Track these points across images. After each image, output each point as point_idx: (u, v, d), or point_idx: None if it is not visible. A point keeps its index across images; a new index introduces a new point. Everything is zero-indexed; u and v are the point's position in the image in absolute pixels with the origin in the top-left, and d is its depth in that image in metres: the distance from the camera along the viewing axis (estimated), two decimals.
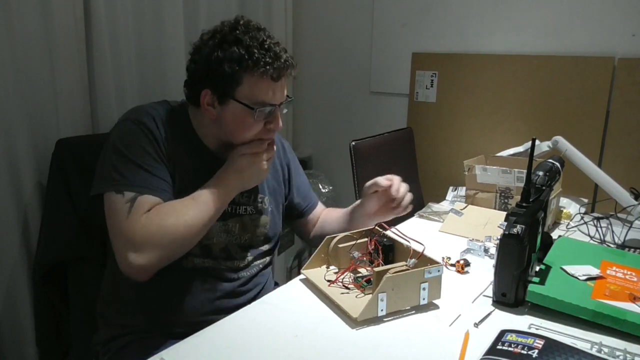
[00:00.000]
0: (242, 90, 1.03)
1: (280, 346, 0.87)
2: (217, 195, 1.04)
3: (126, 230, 0.97)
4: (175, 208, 1.01)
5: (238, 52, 1.00)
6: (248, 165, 1.08)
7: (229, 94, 1.03)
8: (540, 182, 1.10)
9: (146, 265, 0.97)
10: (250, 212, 1.19)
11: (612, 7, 1.85)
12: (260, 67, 1.00)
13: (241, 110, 1.04)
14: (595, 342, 0.88)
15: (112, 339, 1.12)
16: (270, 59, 1.01)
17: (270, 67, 1.01)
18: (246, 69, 1.01)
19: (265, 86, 1.03)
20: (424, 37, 2.27)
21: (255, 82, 1.02)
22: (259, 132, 1.07)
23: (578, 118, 1.94)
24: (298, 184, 1.34)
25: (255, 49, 1.01)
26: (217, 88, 1.04)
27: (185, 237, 1.01)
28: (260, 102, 1.04)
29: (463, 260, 1.20)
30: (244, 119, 1.05)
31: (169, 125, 1.09)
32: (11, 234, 1.35)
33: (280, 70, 1.03)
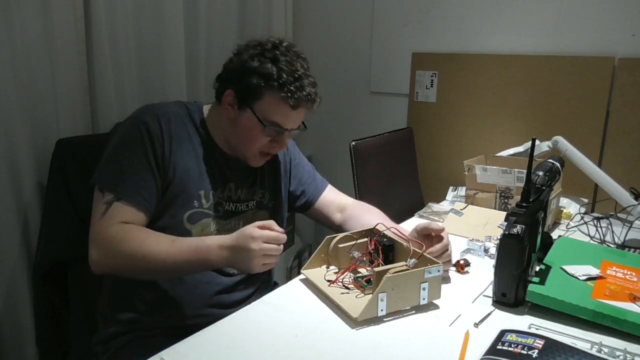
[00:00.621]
0: (261, 105, 1.08)
1: (280, 346, 0.87)
2: (196, 251, 0.99)
3: (95, 230, 1.02)
4: (143, 237, 1.01)
5: (269, 70, 1.06)
6: (252, 257, 0.96)
7: (249, 103, 1.09)
8: (540, 182, 1.11)
9: (101, 265, 1.01)
10: (251, 208, 1.22)
11: (612, 7, 1.85)
12: (282, 92, 1.05)
13: (254, 122, 1.09)
14: (595, 342, 0.88)
15: (112, 339, 1.12)
16: (295, 88, 1.06)
17: (293, 96, 1.05)
18: (270, 88, 1.06)
19: (281, 110, 1.08)
20: (424, 37, 2.27)
21: (274, 102, 1.07)
22: (263, 145, 1.13)
23: (578, 118, 1.94)
24: (299, 177, 1.34)
25: (285, 74, 1.05)
26: (240, 93, 1.09)
27: (139, 267, 1.00)
28: (272, 122, 1.09)
29: (463, 260, 1.20)
30: (253, 130, 1.10)
31: (179, 123, 1.12)
32: (11, 234, 1.35)
33: (300, 101, 1.07)
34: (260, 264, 0.96)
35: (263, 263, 0.96)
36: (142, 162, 1.05)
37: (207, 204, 1.13)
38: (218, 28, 2.04)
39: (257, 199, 1.23)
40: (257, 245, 0.95)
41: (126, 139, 1.07)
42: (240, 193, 1.20)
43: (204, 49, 1.98)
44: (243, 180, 1.20)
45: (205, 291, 1.13)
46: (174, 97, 1.81)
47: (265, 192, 1.25)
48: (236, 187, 1.19)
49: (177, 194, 1.09)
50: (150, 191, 1.06)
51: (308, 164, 1.39)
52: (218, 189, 1.16)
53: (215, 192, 1.15)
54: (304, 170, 1.36)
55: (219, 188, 1.16)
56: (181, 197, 1.10)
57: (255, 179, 1.23)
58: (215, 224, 1.14)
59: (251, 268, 0.96)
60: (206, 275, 1.13)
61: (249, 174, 1.22)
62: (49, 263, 1.28)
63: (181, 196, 1.10)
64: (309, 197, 1.34)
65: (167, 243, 1.00)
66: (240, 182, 1.20)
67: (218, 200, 1.15)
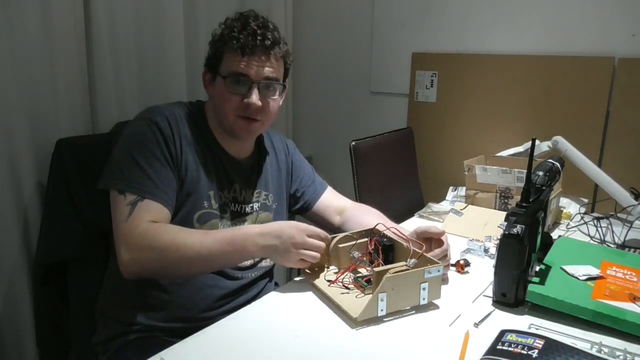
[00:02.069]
0: (222, 65, 1.12)
1: (280, 346, 0.87)
2: (232, 240, 1.00)
3: (123, 233, 0.99)
4: (176, 231, 1.01)
5: (222, 32, 1.11)
6: (292, 248, 1.00)
7: (216, 70, 1.13)
8: (540, 182, 1.10)
9: (133, 266, 0.99)
10: (256, 210, 1.22)
11: (612, 7, 1.85)
12: (231, 42, 1.08)
13: (220, 83, 1.11)
14: (595, 342, 0.88)
15: (111, 339, 1.12)
16: (243, 36, 1.08)
17: (238, 42, 1.07)
18: (224, 45, 1.10)
19: (236, 58, 1.09)
20: (424, 37, 2.27)
21: (228, 55, 1.10)
22: (237, 107, 1.11)
23: (578, 118, 1.94)
24: (300, 179, 1.35)
25: (237, 29, 1.09)
26: (209, 66, 1.15)
27: (174, 261, 0.99)
28: (232, 73, 1.10)
29: (463, 260, 1.20)
30: (222, 92, 1.11)
31: (184, 125, 1.12)
32: (11, 234, 1.35)
33: (248, 45, 1.08)
34: (298, 258, 1.00)
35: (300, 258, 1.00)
36: (160, 160, 1.05)
37: (215, 204, 1.13)
38: None
39: (261, 201, 1.23)
40: (301, 237, 1.00)
41: (139, 139, 1.06)
42: (245, 194, 1.20)
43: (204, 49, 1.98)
44: (247, 181, 1.21)
45: (210, 295, 1.13)
46: (174, 97, 1.81)
47: (269, 194, 1.25)
48: (241, 188, 1.19)
49: (189, 194, 1.10)
50: (172, 188, 1.06)
51: (308, 165, 1.39)
52: (224, 189, 1.16)
53: (222, 193, 1.15)
54: (304, 172, 1.36)
55: (225, 189, 1.16)
56: (193, 197, 1.10)
57: (259, 181, 1.23)
58: (223, 225, 1.15)
59: (288, 259, 1.00)
60: (211, 278, 1.13)
61: (252, 175, 1.22)
62: (49, 263, 1.28)
63: (193, 196, 1.10)
64: (308, 199, 1.35)
65: (201, 234, 1.01)
66: (244, 183, 1.20)
67: (225, 201, 1.16)
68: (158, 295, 1.10)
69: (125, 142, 1.07)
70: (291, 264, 1.02)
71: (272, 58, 1.11)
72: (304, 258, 1.01)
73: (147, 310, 1.11)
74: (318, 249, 1.02)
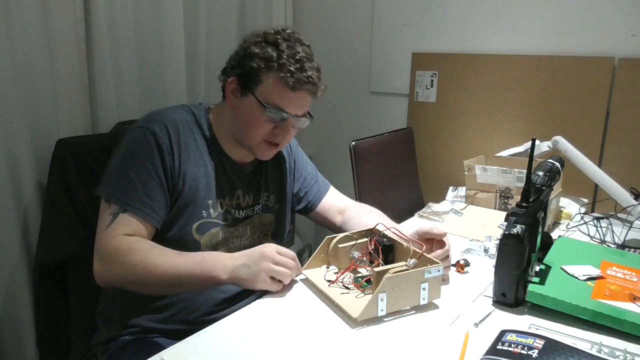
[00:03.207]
0: (262, 88, 1.07)
1: (280, 346, 0.87)
2: (201, 262, 0.99)
3: (99, 242, 1.01)
4: (149, 249, 1.00)
5: (269, 53, 1.06)
6: (258, 271, 0.98)
7: (250, 88, 1.08)
8: (540, 182, 1.11)
9: (104, 278, 1.01)
10: (257, 212, 1.21)
11: (612, 7, 1.85)
12: (282, 72, 1.05)
13: (255, 106, 1.08)
14: (595, 342, 0.88)
15: (111, 339, 1.11)
16: (295, 70, 1.05)
17: (292, 77, 1.05)
18: (270, 70, 1.06)
19: (282, 92, 1.07)
20: (424, 37, 2.27)
21: (274, 84, 1.06)
22: (266, 133, 1.10)
23: (578, 118, 1.94)
24: (302, 179, 1.34)
25: (286, 56, 1.05)
26: (242, 79, 1.09)
27: (142, 279, 0.98)
28: (273, 104, 1.07)
29: (463, 260, 1.20)
30: (255, 115, 1.08)
31: (185, 132, 1.10)
32: (11, 234, 1.35)
33: (300, 82, 1.06)
34: (265, 282, 0.98)
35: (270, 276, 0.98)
36: (150, 173, 1.04)
37: (215, 213, 1.13)
38: (218, 28, 2.04)
39: (262, 202, 1.23)
40: (270, 252, 0.98)
41: (134, 149, 1.05)
42: (248, 199, 1.19)
43: (204, 49, 1.99)
44: (250, 186, 1.20)
45: (211, 297, 1.12)
46: (174, 97, 1.81)
47: (271, 195, 1.24)
48: (244, 194, 1.19)
49: (186, 205, 1.09)
50: (159, 203, 1.05)
51: (311, 164, 1.39)
52: (226, 197, 1.15)
53: (223, 201, 1.14)
54: (307, 171, 1.35)
55: (227, 196, 1.15)
56: (190, 208, 1.09)
57: (260, 182, 1.22)
58: (224, 232, 1.14)
59: (257, 277, 0.97)
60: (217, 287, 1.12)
61: (255, 179, 1.22)
62: (49, 263, 1.29)
63: (190, 207, 1.09)
64: (311, 199, 1.34)
65: (174, 254, 1.00)
66: (247, 188, 1.19)
67: (227, 208, 1.15)
68: (159, 298, 1.10)
69: (121, 151, 1.06)
70: (260, 283, 0.98)
71: (314, 96, 1.12)
72: (274, 275, 0.99)
73: (148, 312, 1.10)
74: (287, 266, 1.00)
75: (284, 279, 1.01)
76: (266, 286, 0.99)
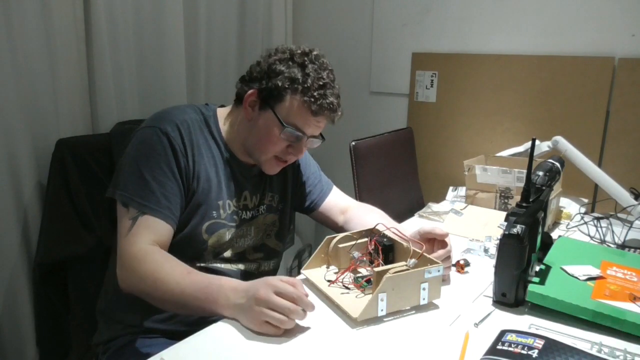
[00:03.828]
0: (283, 107, 1.08)
1: (281, 346, 0.87)
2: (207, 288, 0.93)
3: (121, 247, 1.01)
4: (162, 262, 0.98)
5: (295, 74, 1.07)
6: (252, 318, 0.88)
7: (271, 104, 1.08)
8: (540, 182, 1.11)
9: (124, 284, 1.00)
10: (262, 212, 1.22)
11: (612, 7, 1.85)
12: (306, 96, 1.06)
13: (273, 122, 1.08)
14: (595, 342, 0.87)
15: (111, 339, 1.12)
16: (319, 95, 1.06)
17: (315, 102, 1.06)
18: (294, 91, 1.06)
19: (302, 114, 1.08)
20: (424, 37, 2.27)
21: (296, 106, 1.07)
22: (279, 151, 1.11)
23: (578, 118, 1.94)
24: (305, 178, 1.34)
25: (311, 79, 1.06)
26: (263, 93, 1.09)
27: (150, 292, 0.97)
28: (292, 125, 1.08)
29: (463, 260, 1.20)
30: (271, 132, 1.09)
31: (196, 132, 1.10)
32: (11, 234, 1.35)
33: (321, 108, 1.07)
34: (261, 327, 0.88)
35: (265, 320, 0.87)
36: (166, 174, 1.04)
37: (224, 214, 1.13)
38: (218, 28, 2.04)
39: (266, 203, 1.23)
40: (266, 294, 0.87)
41: (147, 150, 1.04)
42: (255, 200, 1.20)
43: (204, 49, 1.99)
44: (256, 187, 1.20)
45: None
46: (174, 97, 1.81)
47: (275, 195, 1.24)
48: (250, 195, 1.19)
49: (199, 205, 1.09)
50: (176, 203, 1.05)
51: (314, 164, 1.38)
52: (234, 198, 1.15)
53: (231, 202, 1.15)
54: (310, 171, 1.35)
55: (235, 198, 1.15)
56: (203, 208, 1.09)
57: (265, 183, 1.22)
58: (230, 233, 1.15)
59: (252, 319, 0.88)
60: None
61: (261, 180, 1.22)
62: (49, 263, 1.29)
63: (203, 207, 1.09)
64: (314, 199, 1.34)
65: (182, 273, 0.96)
66: (253, 189, 1.19)
67: (234, 209, 1.15)
68: None
69: (132, 152, 1.05)
70: (256, 326, 0.88)
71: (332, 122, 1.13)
72: (269, 320, 0.86)
73: (148, 312, 1.10)
74: (285, 311, 0.86)
75: (282, 326, 0.87)
76: (265, 331, 0.88)
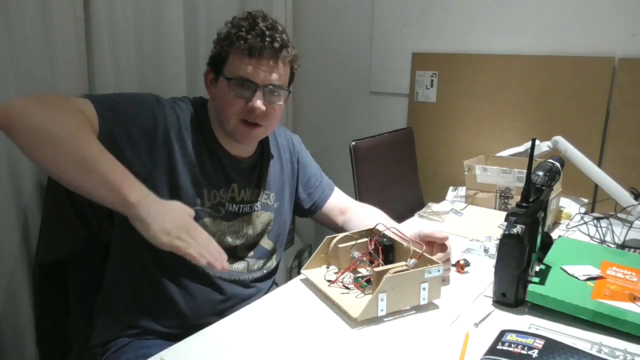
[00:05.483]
0: (227, 66, 1.08)
1: (280, 346, 0.87)
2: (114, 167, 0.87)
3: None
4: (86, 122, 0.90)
5: (229, 31, 1.07)
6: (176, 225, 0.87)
7: (220, 71, 1.09)
8: (540, 182, 1.11)
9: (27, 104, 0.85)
10: (255, 210, 1.20)
11: (612, 7, 1.85)
12: (238, 42, 1.05)
13: (224, 85, 1.07)
14: (595, 342, 0.88)
15: (111, 339, 1.11)
16: (251, 37, 1.04)
17: (246, 42, 1.04)
18: (230, 45, 1.06)
19: (242, 61, 1.06)
20: (424, 37, 2.27)
21: (234, 57, 1.06)
22: (239, 111, 1.07)
23: (578, 118, 1.94)
24: (306, 179, 1.33)
25: (244, 29, 1.05)
26: (213, 66, 1.11)
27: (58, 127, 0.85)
28: (237, 77, 1.06)
29: (463, 260, 1.20)
30: (225, 95, 1.08)
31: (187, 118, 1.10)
32: (11, 234, 1.35)
33: (256, 46, 1.04)
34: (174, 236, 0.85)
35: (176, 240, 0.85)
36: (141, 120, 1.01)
37: (208, 203, 1.11)
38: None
39: (261, 200, 1.21)
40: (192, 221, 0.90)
41: (136, 99, 1.05)
42: (243, 194, 1.18)
43: (204, 48, 1.98)
44: (247, 181, 1.18)
45: (210, 300, 1.12)
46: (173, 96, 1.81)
47: (271, 193, 1.23)
48: (239, 188, 1.17)
49: (177, 189, 1.07)
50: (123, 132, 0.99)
51: (315, 164, 1.37)
52: (220, 189, 1.14)
53: (217, 192, 1.13)
54: (311, 172, 1.34)
55: (222, 188, 1.14)
56: (182, 194, 1.07)
57: (260, 180, 1.21)
58: (216, 224, 1.13)
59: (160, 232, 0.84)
60: (213, 283, 1.12)
61: (253, 174, 1.20)
62: (49, 263, 1.28)
63: (182, 192, 1.07)
64: (316, 201, 1.33)
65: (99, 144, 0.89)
66: (244, 182, 1.17)
67: (220, 200, 1.13)
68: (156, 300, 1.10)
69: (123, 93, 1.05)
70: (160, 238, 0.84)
71: (279, 62, 1.07)
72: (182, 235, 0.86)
73: (146, 314, 1.10)
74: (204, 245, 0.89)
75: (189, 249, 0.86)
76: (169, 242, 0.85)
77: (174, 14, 1.79)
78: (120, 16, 1.60)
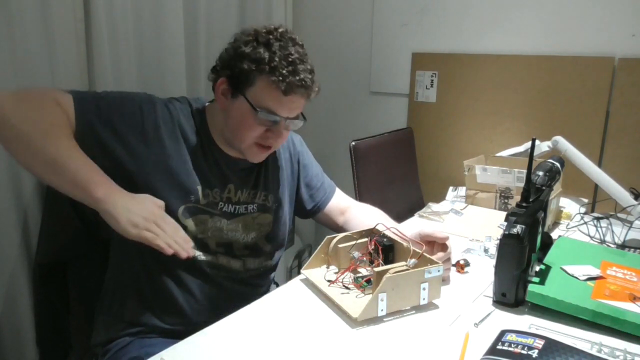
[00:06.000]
0: (253, 91, 1.04)
1: (281, 346, 0.87)
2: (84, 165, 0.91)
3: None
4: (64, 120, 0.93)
5: (261, 54, 1.02)
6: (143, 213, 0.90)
7: (241, 90, 1.05)
8: (540, 182, 1.11)
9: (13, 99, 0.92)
10: (251, 211, 1.19)
11: (612, 7, 1.85)
12: (273, 75, 1.01)
13: (247, 109, 1.05)
14: (595, 342, 0.88)
15: (112, 339, 1.11)
16: (288, 73, 1.02)
17: (284, 80, 1.01)
18: (261, 72, 1.02)
19: (273, 95, 1.03)
20: (424, 37, 2.27)
21: (265, 87, 1.03)
22: (257, 136, 1.08)
23: (578, 118, 1.94)
24: (308, 180, 1.32)
25: (278, 58, 1.02)
26: (233, 80, 1.06)
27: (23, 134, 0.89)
28: (265, 108, 1.04)
29: (463, 260, 1.20)
30: (246, 118, 1.06)
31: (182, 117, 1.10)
32: (11, 234, 1.35)
33: (292, 86, 1.02)
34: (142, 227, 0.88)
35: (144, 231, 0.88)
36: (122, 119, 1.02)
37: (204, 200, 1.11)
38: (218, 28, 2.04)
39: (259, 202, 1.20)
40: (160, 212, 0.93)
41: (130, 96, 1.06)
42: (240, 195, 1.17)
43: (204, 48, 1.99)
44: (244, 182, 1.18)
45: (208, 296, 1.12)
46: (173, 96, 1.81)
47: (269, 194, 1.22)
48: (236, 189, 1.16)
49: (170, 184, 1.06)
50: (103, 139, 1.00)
51: (317, 165, 1.37)
52: (215, 188, 1.13)
53: (212, 192, 1.12)
54: (313, 173, 1.34)
55: (217, 188, 1.13)
56: (176, 188, 1.07)
57: (257, 181, 1.20)
58: (214, 222, 1.12)
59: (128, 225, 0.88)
60: (211, 280, 1.12)
61: (251, 175, 1.19)
62: (49, 263, 1.28)
63: (176, 187, 1.07)
64: (317, 202, 1.33)
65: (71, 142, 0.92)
66: (240, 184, 1.17)
67: (214, 199, 1.13)
68: (157, 299, 1.10)
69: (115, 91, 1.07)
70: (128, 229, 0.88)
71: (307, 99, 1.09)
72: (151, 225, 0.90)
73: (147, 314, 1.10)
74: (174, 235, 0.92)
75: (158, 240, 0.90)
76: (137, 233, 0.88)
77: (174, 14, 1.79)
78: (120, 16, 1.60)
